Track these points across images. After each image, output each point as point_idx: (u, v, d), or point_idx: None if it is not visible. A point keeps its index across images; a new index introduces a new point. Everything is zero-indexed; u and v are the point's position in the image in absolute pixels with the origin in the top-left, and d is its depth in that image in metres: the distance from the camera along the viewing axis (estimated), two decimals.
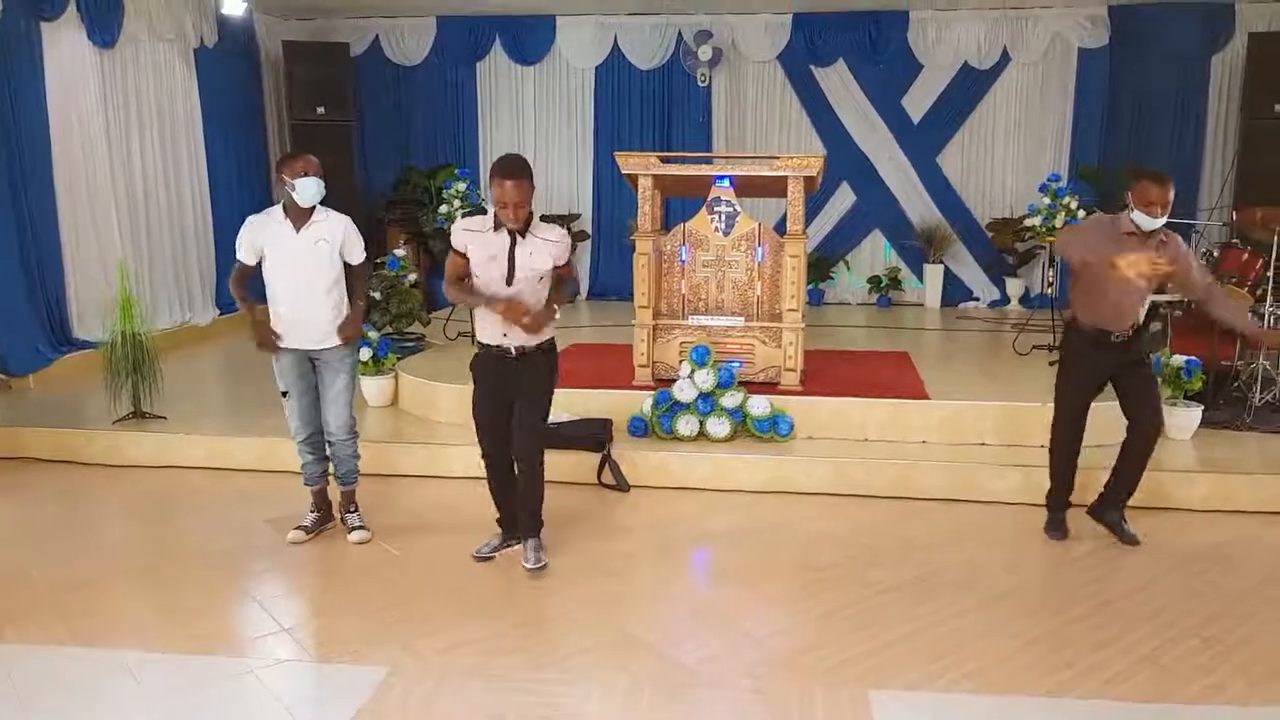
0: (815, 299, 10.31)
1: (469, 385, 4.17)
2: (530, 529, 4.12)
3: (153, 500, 5.13)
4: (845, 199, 10.47)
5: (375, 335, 6.24)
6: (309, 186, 4.09)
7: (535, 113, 10.70)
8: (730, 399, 5.47)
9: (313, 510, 4.55)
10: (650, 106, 10.45)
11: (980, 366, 6.96)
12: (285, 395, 4.35)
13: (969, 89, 10.09)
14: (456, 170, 8.58)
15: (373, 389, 6.29)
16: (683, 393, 5.47)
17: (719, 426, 5.43)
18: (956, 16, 9.87)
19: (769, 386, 5.73)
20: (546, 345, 4.01)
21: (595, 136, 10.57)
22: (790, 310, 5.72)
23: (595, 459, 5.25)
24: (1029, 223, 8.00)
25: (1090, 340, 4.29)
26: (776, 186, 5.75)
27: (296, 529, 4.47)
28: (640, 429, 5.53)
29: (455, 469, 5.35)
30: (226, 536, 4.53)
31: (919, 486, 5.10)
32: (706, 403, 5.47)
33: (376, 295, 7.24)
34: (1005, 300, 10.29)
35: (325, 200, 4.22)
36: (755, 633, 3.61)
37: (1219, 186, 9.58)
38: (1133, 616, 3.74)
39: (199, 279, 9.01)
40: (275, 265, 4.19)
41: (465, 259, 3.88)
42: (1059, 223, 7.57)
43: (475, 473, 5.19)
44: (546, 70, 10.60)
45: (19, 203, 6.83)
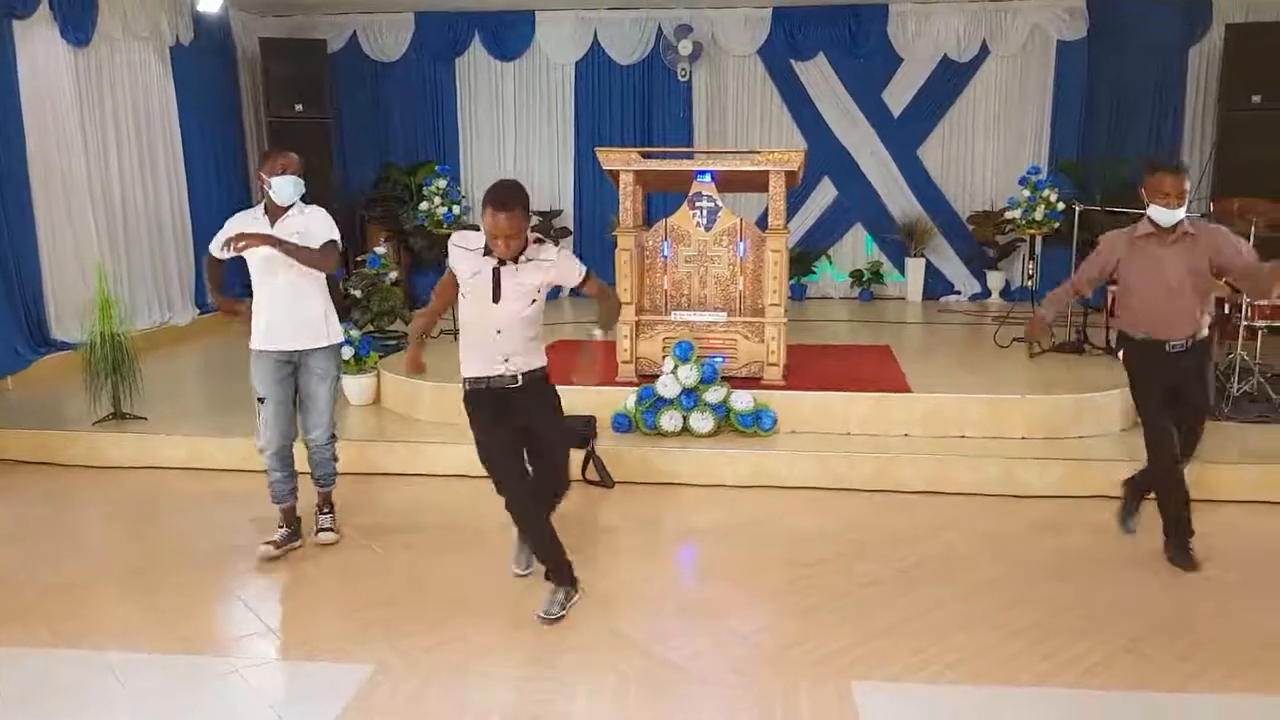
0: (797, 293, 10.33)
1: (452, 383, 4.12)
2: (561, 577, 3.73)
3: (135, 501, 5.09)
4: (827, 193, 10.49)
5: (357, 334, 6.21)
6: (285, 185, 4.06)
7: (515, 109, 10.66)
8: (713, 394, 5.47)
9: (282, 525, 4.34)
10: (631, 101, 10.43)
11: (961, 359, 6.99)
12: (261, 401, 4.20)
13: (949, 82, 10.13)
14: (437, 167, 8.54)
15: (354, 387, 6.26)
16: (666, 388, 5.47)
17: (702, 422, 5.44)
18: (936, 9, 9.90)
19: (752, 381, 5.74)
20: (545, 370, 3.77)
21: (576, 132, 10.54)
22: (773, 305, 5.73)
23: (579, 455, 5.24)
24: (1009, 216, 8.05)
25: (1144, 350, 4.05)
26: (758, 181, 5.75)
27: (266, 543, 4.26)
28: (624, 425, 5.53)
29: (438, 467, 5.34)
30: (209, 537, 4.50)
31: (901, 479, 5.12)
32: (690, 398, 5.47)
33: (357, 293, 7.21)
34: (986, 293, 10.34)
35: (303, 197, 4.19)
36: (740, 628, 3.62)
37: (1198, 177, 9.65)
38: (1113, 606, 3.77)
39: (177, 279, 8.93)
40: (256, 265, 4.12)
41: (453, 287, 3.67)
42: (1039, 216, 7.63)
43: (458, 470, 5.23)
44: (526, 66, 10.56)
45: None
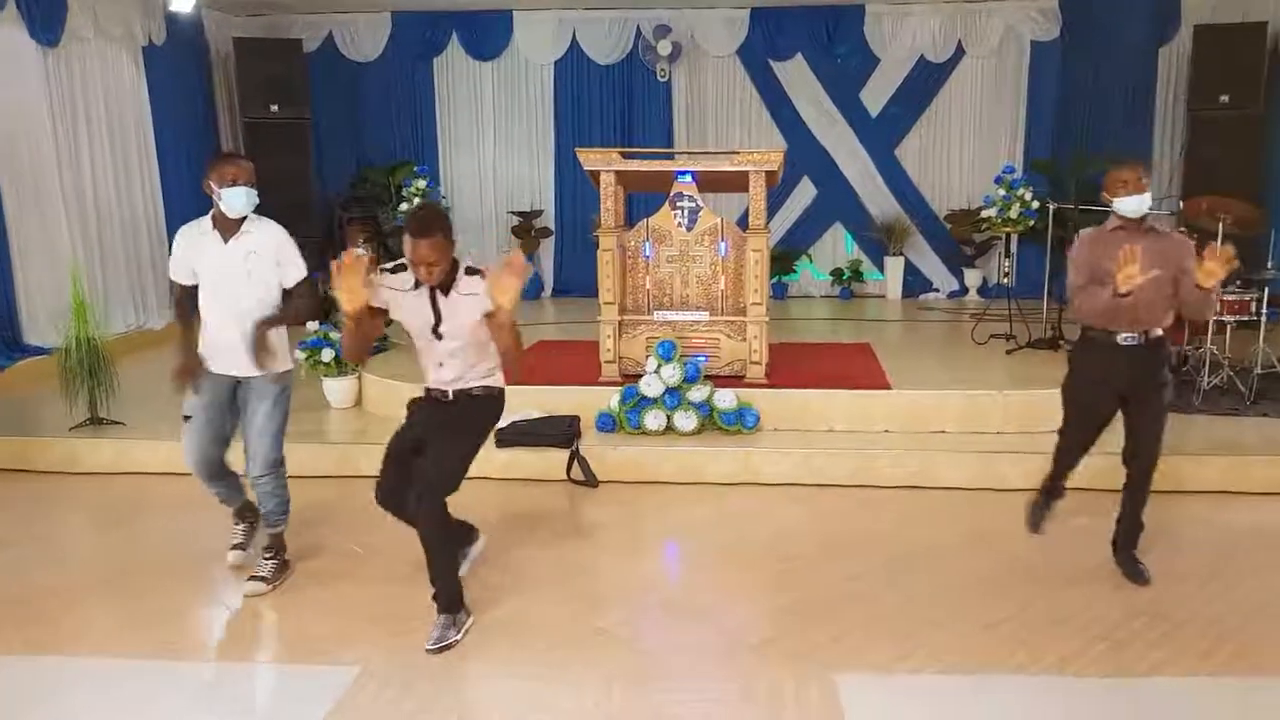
0: (779, 292, 10.39)
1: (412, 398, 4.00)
2: (445, 604, 3.57)
3: (114, 507, 5.06)
4: (806, 193, 10.55)
5: (337, 336, 6.19)
6: (237, 197, 3.69)
7: (494, 109, 10.65)
8: (697, 393, 5.51)
9: (237, 523, 4.21)
10: (610, 102, 10.44)
11: (940, 356, 7.08)
12: (187, 419, 3.89)
13: (925, 82, 10.22)
14: (416, 168, 8.53)
15: (336, 390, 6.24)
16: (650, 387, 5.50)
17: (686, 420, 5.47)
18: (912, 10, 9.98)
19: (735, 380, 5.78)
20: (494, 390, 3.69)
21: (556, 132, 10.54)
22: (754, 304, 5.77)
23: (564, 455, 5.26)
24: (985, 214, 8.13)
25: (1096, 344, 3.95)
26: (738, 181, 5.79)
27: (233, 549, 4.15)
28: (608, 424, 5.56)
29: None
30: (191, 542, 4.48)
31: (882, 475, 5.17)
32: (673, 397, 5.50)
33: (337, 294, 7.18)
34: (964, 291, 10.44)
35: (279, 200, 3.99)
36: (725, 623, 3.66)
37: (1168, 176, 9.82)
38: (1088, 596, 3.84)
39: (153, 282, 8.82)
40: (203, 281, 3.79)
41: (378, 313, 3.55)
42: (1014, 214, 7.72)
43: None
44: (505, 66, 10.55)
45: None
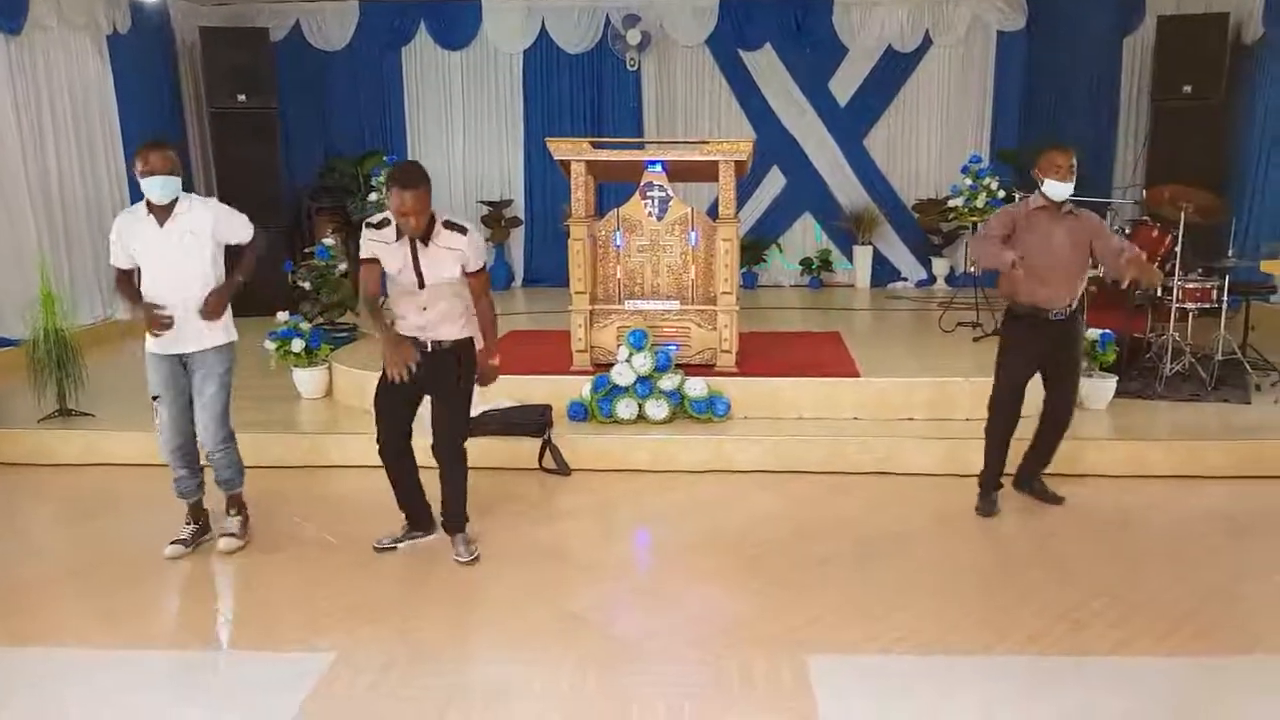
0: (749, 282, 10.45)
1: None
2: (455, 526, 4.16)
3: (86, 499, 5.02)
4: (776, 182, 10.61)
5: (307, 326, 6.17)
6: (152, 188, 3.80)
7: (463, 98, 10.61)
8: (668, 381, 5.55)
9: (188, 523, 4.28)
10: (580, 91, 10.44)
11: (908, 344, 7.16)
12: (156, 400, 4.05)
13: (893, 72, 10.30)
14: (385, 157, 8.48)
15: (306, 381, 6.22)
16: (621, 376, 5.53)
17: (657, 409, 5.51)
18: (880, 0, 10.05)
19: (705, 368, 5.82)
20: (464, 343, 3.99)
21: (525, 122, 10.52)
22: (724, 293, 5.81)
23: (536, 444, 5.29)
24: (952, 203, 8.22)
25: (1029, 320, 4.39)
26: (708, 171, 5.81)
27: (173, 543, 4.19)
28: (580, 413, 5.58)
29: None
30: (165, 533, 4.43)
31: (851, 461, 5.24)
32: (645, 386, 5.54)
33: (306, 285, 7.16)
34: (931, 280, 10.56)
35: (246, 190, 4.08)
36: (697, 607, 3.70)
37: (1131, 165, 9.98)
38: (1051, 578, 3.93)
39: None
40: (145, 266, 3.91)
41: (378, 264, 3.85)
42: (980, 203, 7.81)
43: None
44: (473, 55, 10.51)
45: None
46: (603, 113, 10.45)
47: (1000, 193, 7.76)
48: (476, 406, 4.34)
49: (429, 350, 3.91)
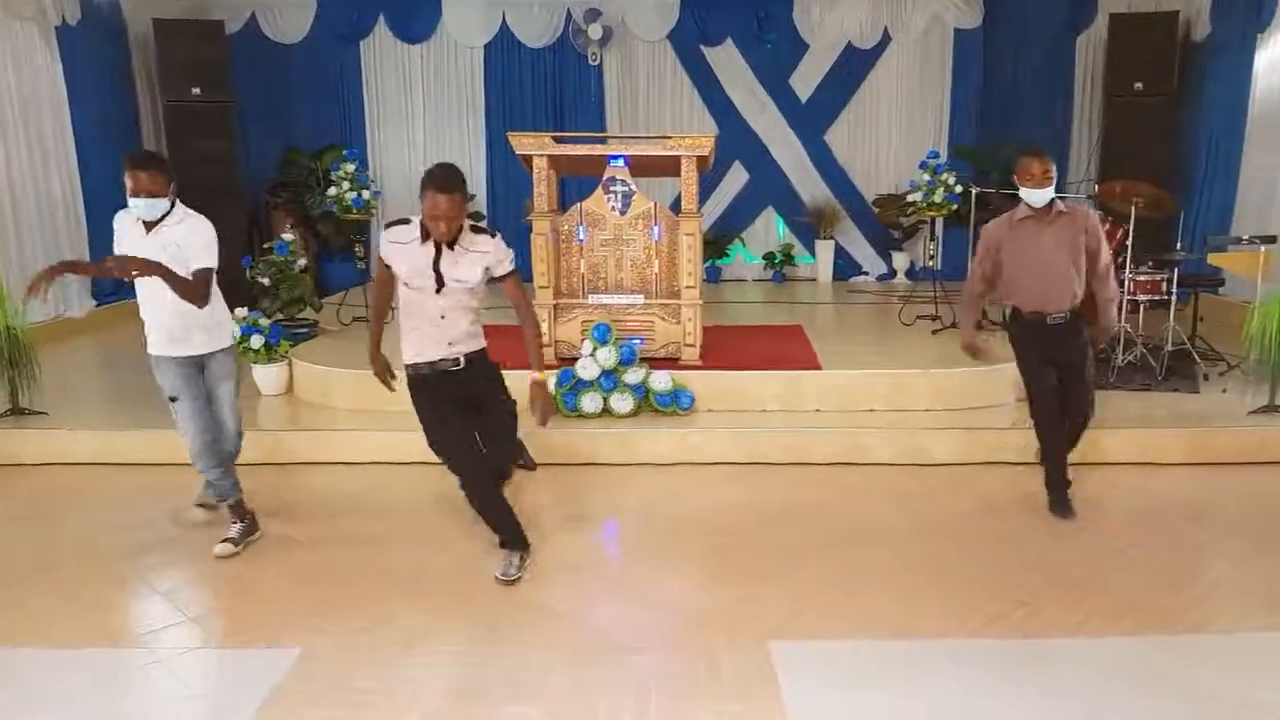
0: (713, 276, 10.51)
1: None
2: (518, 541, 3.97)
3: (41, 498, 4.92)
4: (738, 177, 10.67)
5: (266, 322, 6.09)
6: (138, 207, 3.81)
7: (424, 92, 10.53)
8: (633, 375, 5.56)
9: (234, 521, 4.23)
10: (542, 86, 10.41)
11: (869, 337, 7.25)
12: (174, 401, 4.05)
13: (853, 68, 10.40)
14: (344, 151, 8.38)
15: (266, 377, 6.15)
16: (586, 370, 5.54)
17: (622, 402, 5.53)
18: None
19: (670, 362, 5.85)
20: (486, 351, 3.94)
21: (487, 116, 10.47)
22: (688, 287, 5.84)
23: None
24: (911, 198, 8.32)
25: (1031, 324, 4.34)
26: (670, 166, 5.84)
27: (224, 541, 4.16)
28: None
29: (354, 454, 5.31)
30: (123, 531, 4.40)
31: (814, 453, 5.30)
32: (609, 379, 5.55)
33: (265, 281, 7.07)
34: (892, 274, 10.69)
35: (202, 184, 4.05)
36: (663, 597, 3.73)
37: (1086, 160, 10.17)
38: (1009, 563, 4.02)
39: None
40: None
41: (388, 269, 3.74)
42: (938, 198, 7.91)
43: (374, 458, 5.23)
44: (434, 49, 10.43)
45: None
46: (565, 107, 10.43)
47: (957, 188, 7.87)
48: None
49: (463, 365, 3.80)
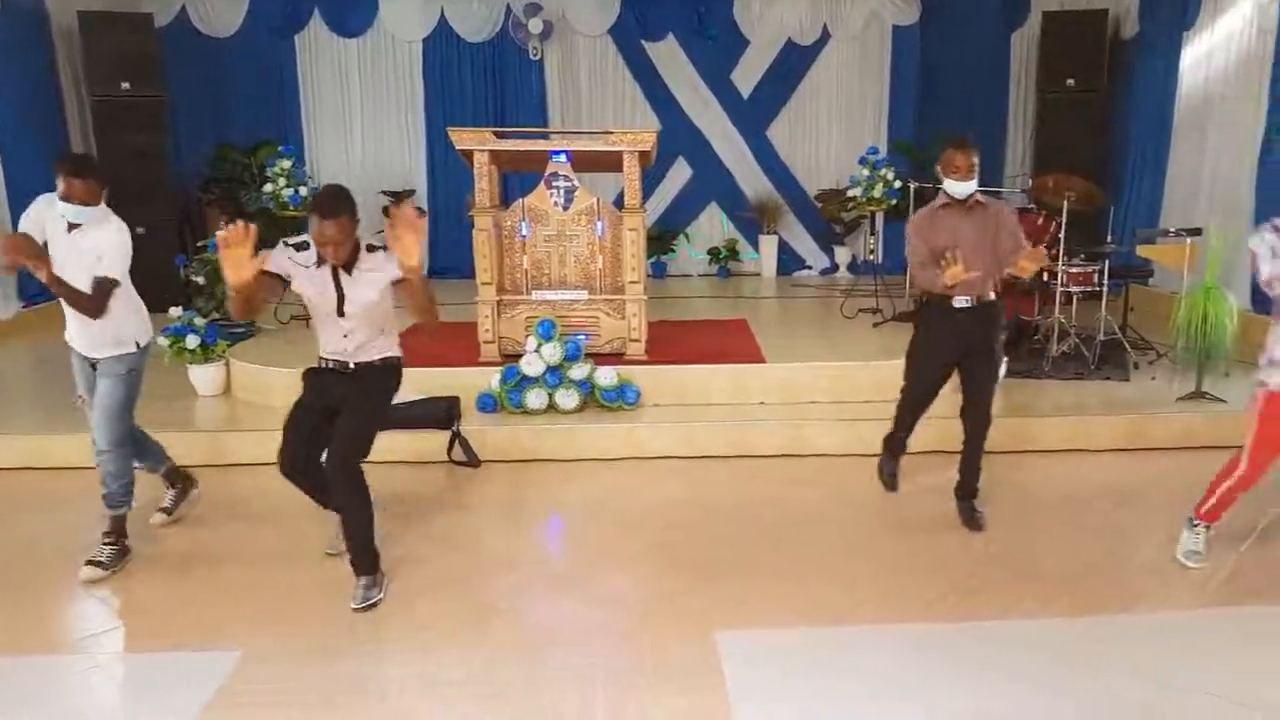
0: (658, 271, 10.53)
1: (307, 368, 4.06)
2: (359, 565, 3.68)
3: None
4: (682, 173, 10.70)
5: (201, 322, 5.96)
6: (68, 212, 3.72)
7: (361, 87, 10.36)
8: (578, 371, 5.55)
9: (168, 487, 4.47)
10: (482, 80, 10.31)
11: (812, 331, 7.32)
12: (81, 400, 4.07)
13: (794, 65, 10.48)
14: (280, 147, 8.22)
15: (202, 378, 6.01)
16: (530, 367, 5.51)
17: (568, 398, 5.51)
18: None
19: (615, 357, 5.85)
20: (390, 360, 3.81)
21: (426, 111, 10.34)
22: (632, 283, 5.84)
23: (444, 437, 5.23)
24: (851, 194, 8.43)
25: (941, 309, 4.29)
26: (613, 161, 5.83)
27: (159, 510, 4.41)
28: (489, 405, 5.54)
29: None
30: (57, 536, 4.27)
31: (758, 445, 5.35)
32: (555, 375, 5.53)
33: (200, 280, 6.91)
34: (835, 268, 10.81)
35: (133, 181, 3.96)
36: (609, 591, 3.73)
37: (1021, 155, 10.40)
38: (947, 549, 4.11)
39: None
40: (53, 258, 3.79)
41: (279, 281, 3.59)
42: (878, 193, 8.03)
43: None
44: (370, 43, 10.27)
45: None
46: (506, 102, 10.34)
47: (896, 183, 8.00)
48: None
49: (351, 370, 3.74)
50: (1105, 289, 6.57)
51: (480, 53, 10.26)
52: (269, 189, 7.64)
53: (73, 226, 3.78)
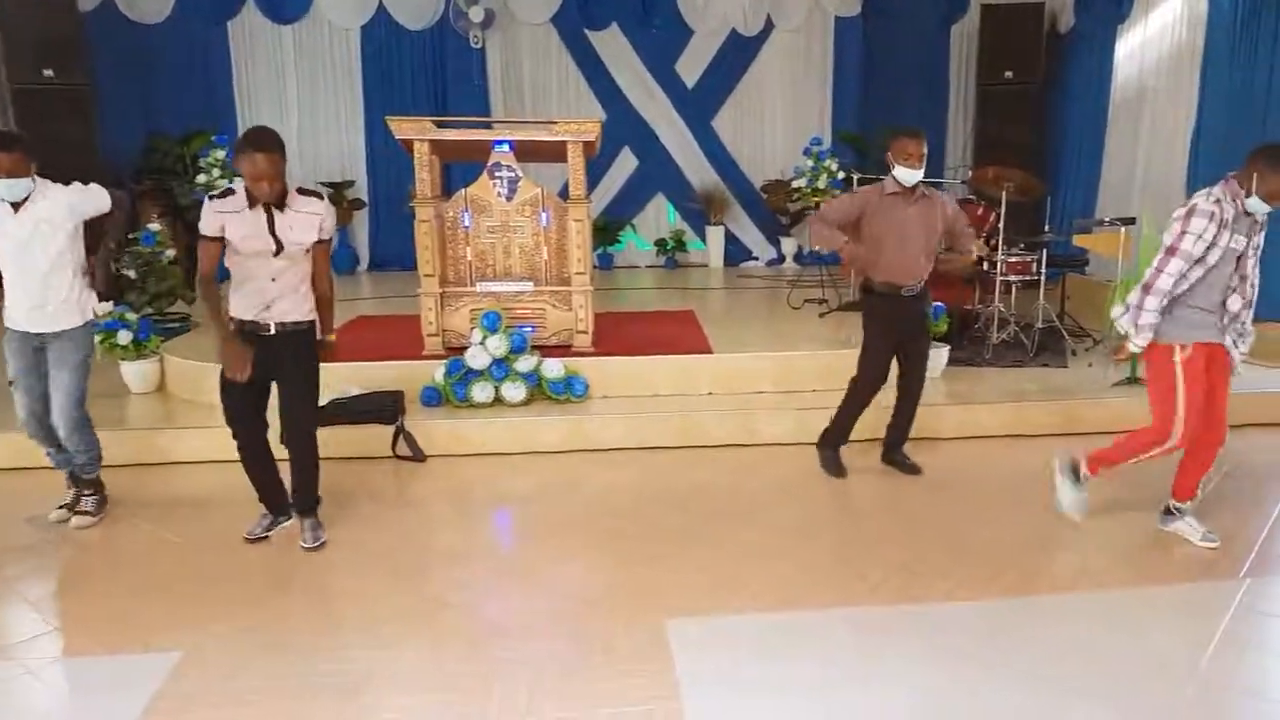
0: (605, 263, 10.49)
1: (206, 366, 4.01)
2: (307, 508, 4.04)
3: None
4: (628, 164, 10.66)
5: (134, 317, 5.77)
6: (2, 191, 3.78)
7: (297, 75, 10.13)
8: (524, 363, 5.49)
9: (69, 486, 4.38)
10: (423, 69, 10.16)
11: (759, 321, 7.35)
12: (12, 385, 4.11)
13: (738, 55, 10.50)
14: (214, 137, 8.00)
15: (135, 374, 5.83)
16: (476, 360, 5.44)
17: (514, 391, 5.45)
18: None
19: (562, 349, 5.81)
20: (307, 324, 3.86)
21: (365, 100, 10.15)
22: (578, 274, 5.80)
23: (388, 431, 5.14)
24: (796, 185, 8.48)
25: (885, 298, 4.52)
26: (557, 151, 5.77)
27: (59, 508, 4.33)
28: (434, 398, 5.46)
29: (234, 452, 5.05)
30: None
31: (706, 435, 5.35)
32: (501, 368, 5.46)
33: (131, 274, 6.70)
34: (781, 259, 10.87)
35: (59, 172, 3.92)
36: (558, 583, 3.70)
37: (961, 146, 10.56)
38: (890, 533, 4.15)
39: None
40: (4, 251, 3.91)
41: (219, 243, 3.64)
42: (822, 184, 8.09)
43: None
44: (307, 30, 10.05)
45: None
46: (447, 91, 10.19)
47: (840, 174, 8.07)
48: (323, 396, 4.18)
49: (273, 333, 3.75)
50: (1043, 278, 6.69)
51: (420, 41, 10.10)
52: (202, 180, 7.43)
53: (17, 207, 3.80)
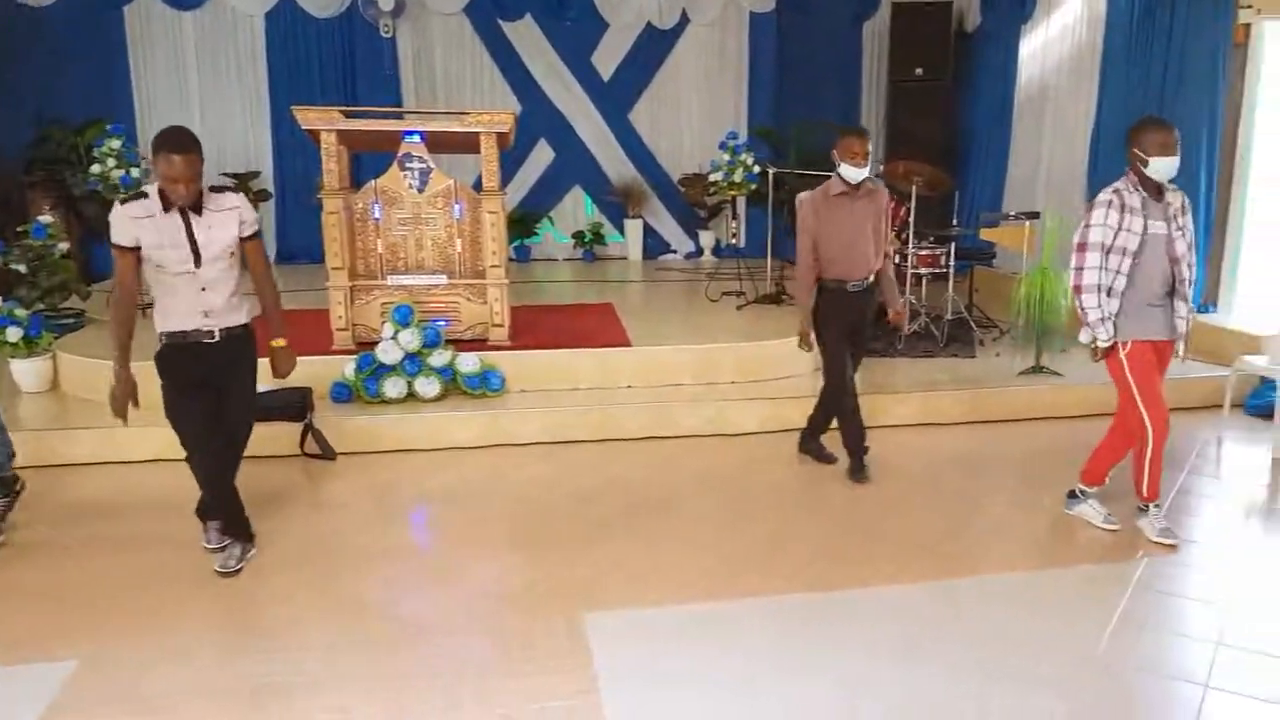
0: (522, 255, 10.38)
1: (144, 362, 3.75)
2: (244, 531, 3.83)
3: None
4: (544, 156, 10.55)
5: (24, 313, 5.48)
6: None
7: (198, 63, 9.73)
8: (438, 358, 5.39)
9: None
10: (331, 59, 9.85)
11: (677, 314, 7.37)
12: None
13: (653, 48, 10.48)
14: (109, 126, 7.62)
15: (26, 372, 5.54)
16: (387, 354, 5.32)
17: (428, 386, 5.34)
18: None
19: (478, 343, 5.71)
20: (245, 326, 3.69)
21: (271, 89, 9.80)
22: (493, 267, 5.71)
23: (296, 429, 4.98)
24: (713, 179, 8.51)
25: (835, 292, 4.54)
26: (470, 143, 5.67)
27: None
28: (344, 394, 5.32)
29: (133, 452, 4.87)
30: None
31: (625, 428, 5.33)
32: (414, 363, 5.35)
33: (22, 269, 6.35)
34: (699, 252, 10.90)
35: None
36: (476, 580, 3.64)
37: (873, 142, 10.72)
38: (808, 521, 4.21)
39: None
40: None
41: (136, 253, 3.41)
42: (738, 178, 8.14)
43: (156, 455, 4.82)
44: (208, 16, 9.66)
45: None
46: (357, 81, 9.90)
47: (756, 168, 8.12)
48: None
49: (218, 339, 3.57)
50: (952, 270, 6.86)
51: (328, 29, 9.81)
52: (97, 170, 7.06)
53: None
